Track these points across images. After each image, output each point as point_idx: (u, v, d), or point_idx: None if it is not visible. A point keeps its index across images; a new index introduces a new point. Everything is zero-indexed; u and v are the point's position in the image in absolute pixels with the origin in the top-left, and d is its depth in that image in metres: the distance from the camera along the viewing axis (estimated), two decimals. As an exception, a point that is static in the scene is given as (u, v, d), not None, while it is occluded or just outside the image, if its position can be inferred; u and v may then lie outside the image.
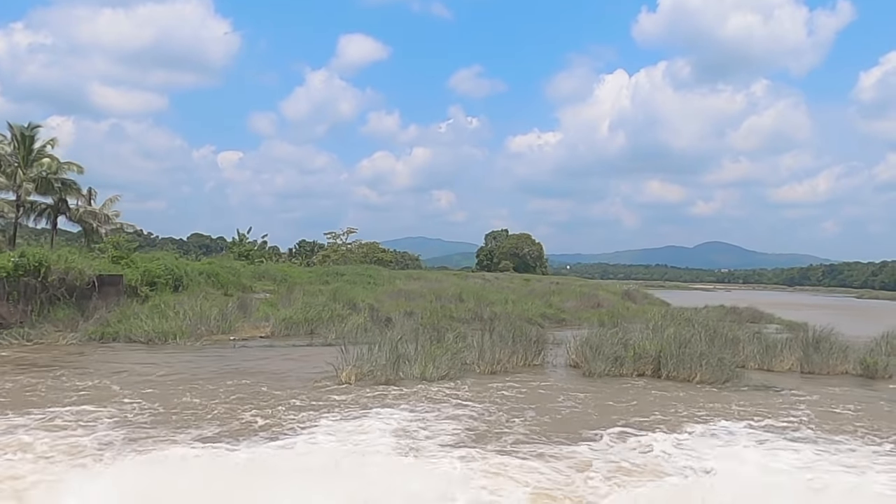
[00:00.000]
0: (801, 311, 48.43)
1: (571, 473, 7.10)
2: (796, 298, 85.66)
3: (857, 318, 38.07)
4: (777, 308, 49.23)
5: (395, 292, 34.25)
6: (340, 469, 6.34)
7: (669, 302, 47.91)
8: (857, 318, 39.21)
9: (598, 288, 49.76)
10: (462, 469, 6.87)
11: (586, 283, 66.24)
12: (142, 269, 25.87)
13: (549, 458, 7.66)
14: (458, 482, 6.17)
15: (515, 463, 7.26)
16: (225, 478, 6.01)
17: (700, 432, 9.09)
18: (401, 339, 14.84)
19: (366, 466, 6.56)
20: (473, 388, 11.87)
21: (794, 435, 9.13)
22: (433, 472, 6.57)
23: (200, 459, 6.75)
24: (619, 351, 13.99)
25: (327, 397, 10.73)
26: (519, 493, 6.39)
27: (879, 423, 10.05)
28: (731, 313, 33.60)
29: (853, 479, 7.09)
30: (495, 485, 6.44)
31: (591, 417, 9.92)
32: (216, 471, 6.29)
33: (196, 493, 5.65)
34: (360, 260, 73.93)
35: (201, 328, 19.63)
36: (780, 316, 33.22)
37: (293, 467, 6.53)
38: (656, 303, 46.10)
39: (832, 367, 14.80)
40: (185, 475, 6.11)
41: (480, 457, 7.45)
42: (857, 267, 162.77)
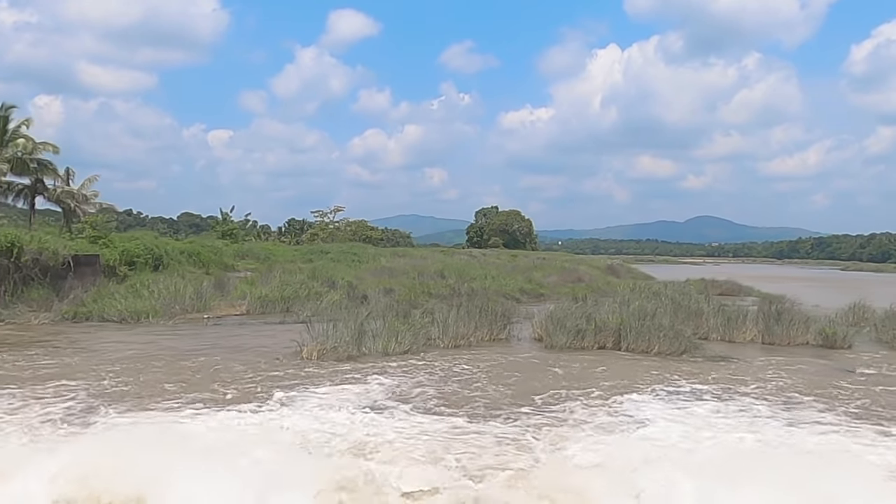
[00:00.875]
0: (782, 283, 48.81)
1: (500, 438, 7.33)
2: (782, 271, 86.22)
3: (835, 290, 38.53)
4: (759, 281, 49.69)
5: (378, 270, 34.39)
6: (234, 447, 6.48)
7: (654, 276, 48.25)
8: (835, 289, 39.65)
9: (580, 263, 50.03)
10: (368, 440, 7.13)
11: (572, 259, 66.57)
12: (120, 249, 25.92)
13: (484, 423, 7.89)
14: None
15: (442, 428, 7.49)
16: (132, 448, 6.22)
17: (637, 399, 9.40)
18: (369, 316, 15.11)
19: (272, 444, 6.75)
20: (431, 362, 12.07)
21: (720, 397, 9.66)
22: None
23: (139, 430, 7.02)
24: (580, 324, 14.20)
25: (281, 373, 10.88)
26: (450, 458, 6.59)
27: (809, 388, 10.42)
28: (711, 286, 33.89)
29: (750, 436, 7.49)
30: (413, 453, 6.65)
31: (536, 387, 10.15)
32: (134, 442, 6.48)
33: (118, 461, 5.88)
34: (349, 238, 73.97)
35: (176, 307, 19.76)
36: (759, 289, 33.46)
37: (201, 440, 6.77)
38: (640, 277, 46.41)
39: (793, 338, 15.07)
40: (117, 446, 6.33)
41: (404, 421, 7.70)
42: (846, 240, 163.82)
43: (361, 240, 76.40)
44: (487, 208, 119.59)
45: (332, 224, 76.57)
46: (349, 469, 5.98)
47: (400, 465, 6.11)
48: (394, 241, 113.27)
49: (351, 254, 44.43)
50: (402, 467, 6.06)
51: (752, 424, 8.05)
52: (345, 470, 5.95)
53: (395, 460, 6.27)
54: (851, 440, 7.40)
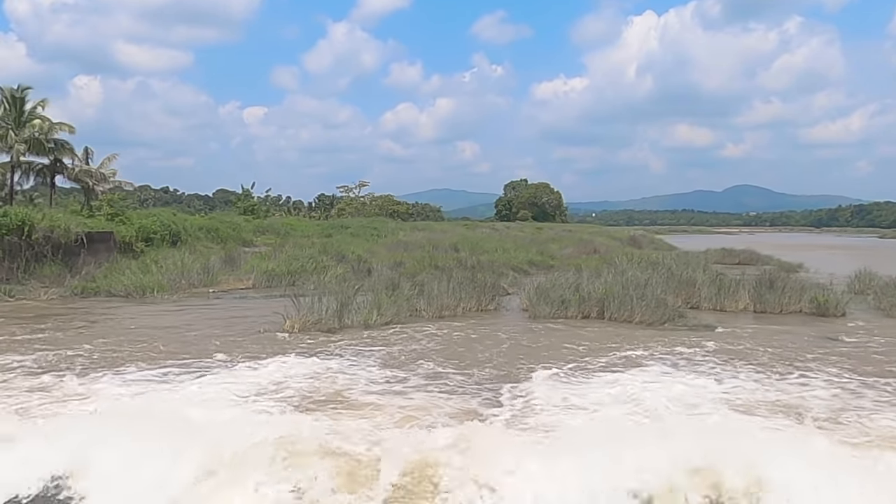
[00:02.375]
0: (809, 252, 47.84)
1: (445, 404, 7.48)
2: (816, 240, 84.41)
3: (861, 258, 37.36)
4: (788, 250, 48.82)
5: (395, 244, 34.68)
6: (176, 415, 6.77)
7: (678, 247, 47.87)
8: (862, 257, 38.57)
9: (600, 235, 49.68)
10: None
11: (598, 230, 66.18)
12: (137, 226, 26.60)
13: (432, 394, 8.03)
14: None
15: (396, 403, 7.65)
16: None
17: (601, 364, 9.53)
18: (360, 289, 15.35)
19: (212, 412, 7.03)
20: (410, 332, 12.24)
21: (675, 364, 9.80)
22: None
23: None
24: (565, 295, 14.22)
25: (251, 345, 11.12)
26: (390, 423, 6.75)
27: (779, 355, 10.39)
28: (729, 256, 33.53)
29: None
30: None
31: (486, 357, 10.30)
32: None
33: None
34: (376, 213, 74.42)
35: (182, 281, 20.24)
36: (780, 258, 32.84)
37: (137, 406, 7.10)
38: (663, 248, 46.03)
39: (785, 306, 14.88)
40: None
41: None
42: (887, 207, 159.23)
43: (388, 214, 76.88)
44: (516, 181, 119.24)
45: (358, 199, 76.98)
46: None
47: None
48: (423, 215, 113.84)
49: (371, 228, 44.86)
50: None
51: (670, 389, 8.09)
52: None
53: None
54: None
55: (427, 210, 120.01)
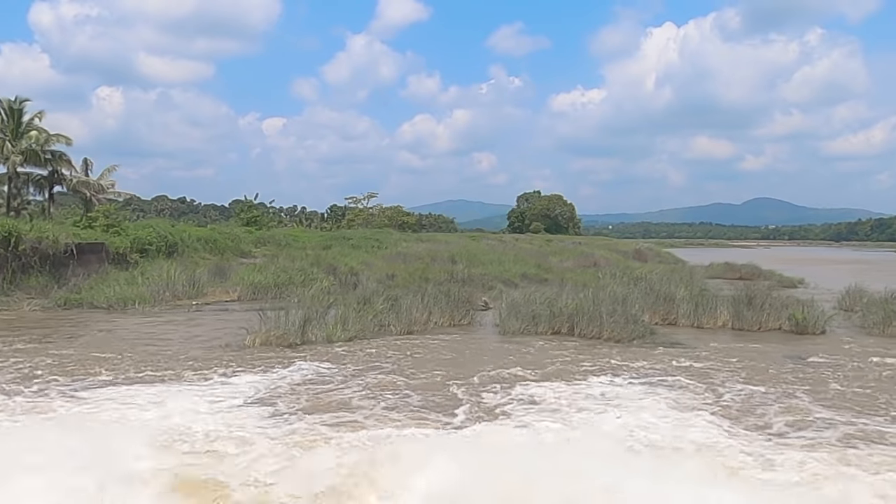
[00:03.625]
0: (817, 266, 47.15)
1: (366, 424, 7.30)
2: (831, 254, 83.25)
3: (868, 273, 36.77)
4: (796, 264, 48.27)
5: (394, 255, 34.58)
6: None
7: (686, 260, 47.39)
8: (869, 272, 37.90)
9: (603, 248, 49.32)
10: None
11: (607, 243, 65.72)
12: (132, 237, 26.75)
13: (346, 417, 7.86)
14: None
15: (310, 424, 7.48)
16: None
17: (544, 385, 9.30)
18: (333, 303, 15.26)
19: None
20: (366, 349, 12.07)
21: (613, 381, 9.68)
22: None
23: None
24: (536, 310, 14.00)
25: (205, 360, 10.99)
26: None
27: (735, 375, 10.13)
28: (730, 270, 33.14)
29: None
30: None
31: (442, 374, 10.12)
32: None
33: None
34: (385, 224, 74.55)
35: (167, 293, 20.24)
36: (783, 272, 32.31)
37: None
38: (669, 261, 45.64)
39: (763, 323, 14.59)
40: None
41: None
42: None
43: (398, 226, 76.96)
44: (529, 193, 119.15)
45: (367, 210, 77.23)
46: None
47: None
48: (436, 226, 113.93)
49: (373, 239, 44.78)
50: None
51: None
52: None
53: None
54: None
55: (440, 221, 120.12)
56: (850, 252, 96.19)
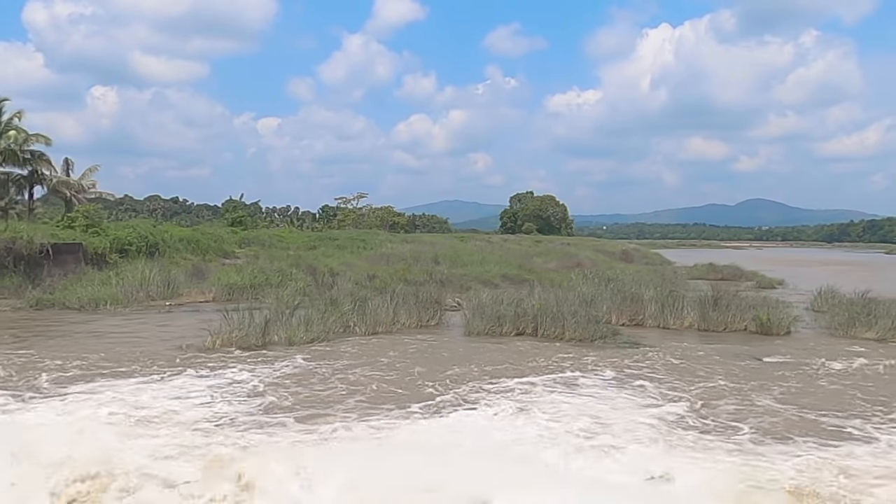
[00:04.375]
0: (805, 267, 47.30)
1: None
2: (821, 255, 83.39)
3: (851, 275, 36.87)
4: (782, 265, 48.47)
5: (377, 256, 34.55)
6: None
7: (674, 261, 47.51)
8: (853, 274, 38.00)
9: (588, 248, 49.36)
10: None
11: (597, 244, 65.82)
12: (111, 238, 26.68)
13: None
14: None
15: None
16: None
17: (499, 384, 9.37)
18: (299, 305, 15.26)
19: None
20: (324, 350, 12.07)
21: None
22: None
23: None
24: (501, 310, 14.02)
25: (161, 361, 10.93)
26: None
27: (681, 375, 10.21)
28: (712, 271, 33.23)
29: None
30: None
31: (391, 375, 10.15)
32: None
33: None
34: (376, 224, 74.53)
35: (141, 294, 20.18)
36: (765, 274, 32.39)
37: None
38: (656, 262, 45.75)
39: (729, 324, 14.65)
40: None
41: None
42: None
43: (388, 226, 76.92)
44: (522, 193, 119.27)
45: (356, 210, 77.21)
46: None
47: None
48: (429, 226, 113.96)
49: (359, 240, 44.71)
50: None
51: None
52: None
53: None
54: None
55: (433, 222, 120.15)
56: (840, 253, 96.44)
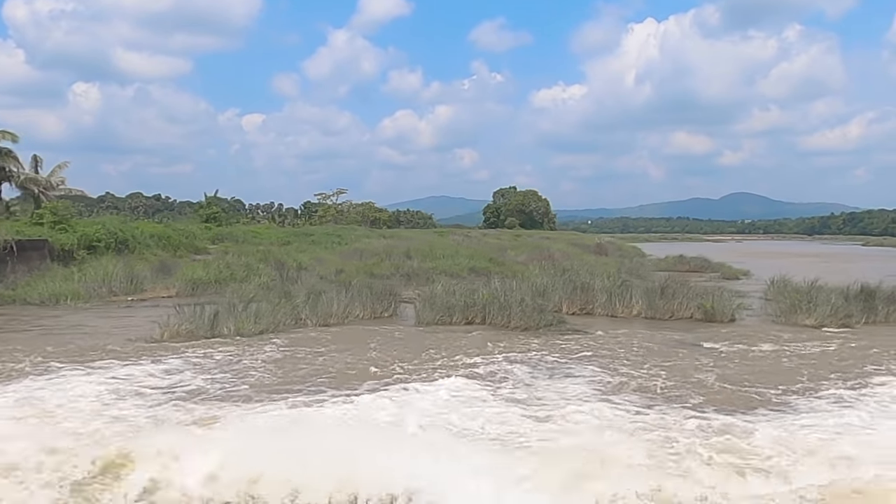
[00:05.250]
0: (777, 259, 47.86)
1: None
2: (798, 247, 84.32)
3: (819, 266, 37.41)
4: (755, 257, 49.15)
5: (350, 252, 34.70)
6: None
7: (650, 254, 48.03)
8: (822, 265, 38.57)
9: (562, 241, 49.72)
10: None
11: (576, 237, 66.29)
12: (79, 234, 26.66)
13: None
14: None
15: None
16: None
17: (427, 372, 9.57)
18: (254, 298, 15.43)
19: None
20: (266, 340, 12.25)
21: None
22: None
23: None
24: (451, 301, 14.25)
25: (103, 354, 11.02)
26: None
27: (609, 359, 10.55)
28: (680, 263, 33.67)
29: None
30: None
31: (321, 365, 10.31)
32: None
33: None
34: (357, 220, 74.56)
35: (103, 289, 20.23)
36: (732, 265, 32.85)
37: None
38: (630, 254, 46.15)
39: (675, 312, 14.97)
40: None
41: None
42: (879, 214, 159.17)
43: (370, 222, 76.99)
44: (505, 188, 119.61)
45: (335, 206, 77.16)
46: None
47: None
48: (413, 222, 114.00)
49: (335, 236, 44.90)
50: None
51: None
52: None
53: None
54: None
55: (417, 217, 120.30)
56: (818, 245, 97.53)
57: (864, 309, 14.43)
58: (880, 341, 12.18)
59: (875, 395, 8.30)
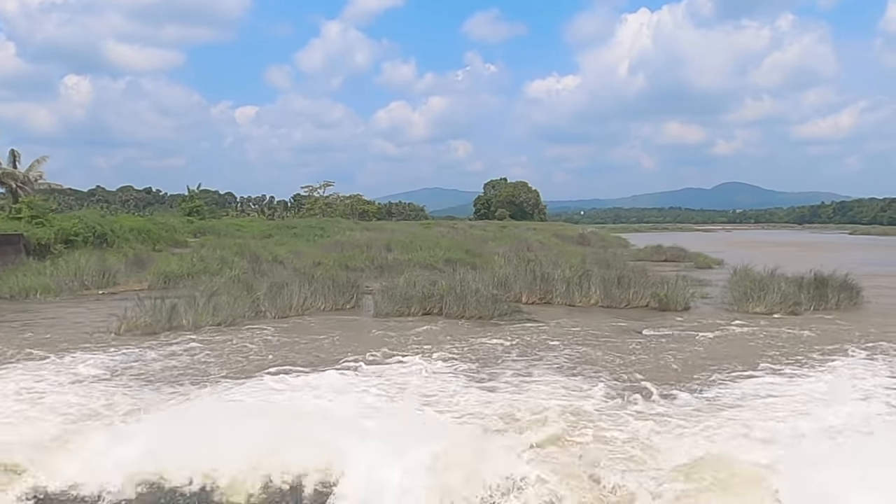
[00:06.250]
0: (759, 248, 48.16)
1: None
2: (787, 236, 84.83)
3: (797, 254, 37.69)
4: (741, 247, 49.48)
5: (331, 244, 34.90)
6: None
7: (635, 244, 48.29)
8: (799, 253, 38.86)
9: (548, 233, 50.02)
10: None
11: (562, 228, 66.64)
12: (56, 228, 26.80)
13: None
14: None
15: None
16: None
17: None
18: (216, 291, 15.59)
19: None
20: (223, 332, 12.45)
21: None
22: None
23: None
24: (409, 292, 14.45)
25: (53, 347, 11.16)
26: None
27: (553, 347, 10.85)
28: (657, 252, 33.93)
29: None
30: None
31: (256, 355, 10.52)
32: None
33: None
34: (346, 213, 74.68)
35: (74, 283, 20.37)
36: (709, 255, 33.07)
37: None
38: (613, 245, 46.43)
39: (631, 301, 15.22)
40: None
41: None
42: (868, 203, 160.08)
43: (359, 214, 77.09)
44: (496, 180, 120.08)
45: (323, 199, 77.25)
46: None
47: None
48: (405, 214, 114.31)
49: (318, 228, 45.08)
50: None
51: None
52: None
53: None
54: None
55: (409, 209, 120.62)
56: (806, 234, 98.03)
57: (815, 297, 14.71)
58: (816, 327, 12.52)
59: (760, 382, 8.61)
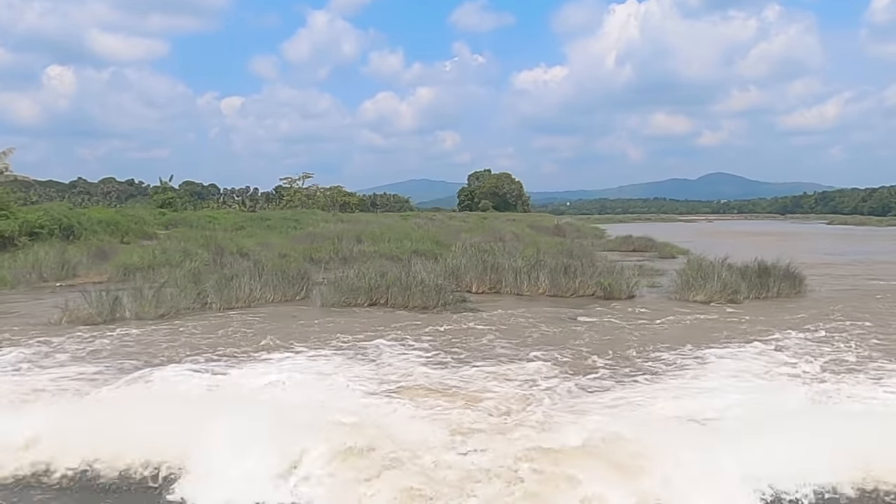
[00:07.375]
0: (732, 238, 48.64)
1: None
2: (766, 226, 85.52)
3: (770, 245, 38.02)
4: (716, 236, 50.00)
5: (302, 236, 34.85)
6: None
7: (611, 234, 48.60)
8: (771, 243, 39.28)
9: (524, 224, 50.20)
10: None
11: (540, 219, 66.90)
12: (20, 221, 26.67)
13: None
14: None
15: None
16: None
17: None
18: (166, 282, 15.64)
19: None
20: (158, 324, 12.51)
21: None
22: None
23: None
24: (355, 283, 14.54)
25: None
26: None
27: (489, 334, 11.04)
28: (625, 243, 34.24)
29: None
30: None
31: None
32: None
33: None
34: (326, 204, 74.52)
35: (32, 275, 20.32)
36: (677, 245, 33.37)
37: None
38: (588, 235, 46.76)
39: (577, 290, 15.41)
40: None
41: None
42: (849, 194, 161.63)
43: (340, 206, 76.93)
44: (480, 171, 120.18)
45: (301, 191, 77.04)
46: None
47: None
48: (389, 205, 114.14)
49: (292, 220, 45.04)
50: None
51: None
52: None
53: None
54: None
55: (394, 201, 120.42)
56: (786, 224, 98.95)
57: (756, 285, 14.94)
58: (747, 315, 12.81)
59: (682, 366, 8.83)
